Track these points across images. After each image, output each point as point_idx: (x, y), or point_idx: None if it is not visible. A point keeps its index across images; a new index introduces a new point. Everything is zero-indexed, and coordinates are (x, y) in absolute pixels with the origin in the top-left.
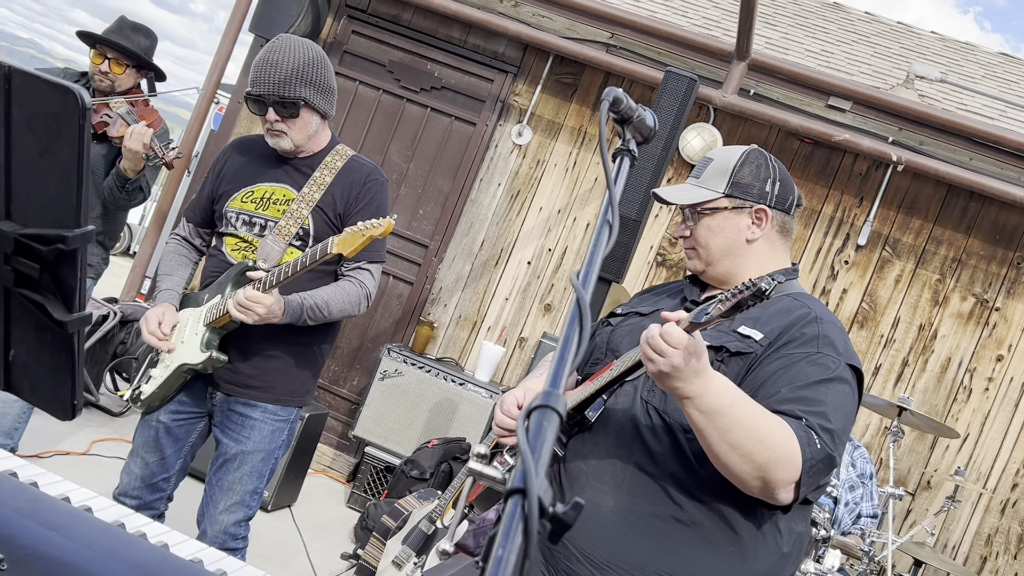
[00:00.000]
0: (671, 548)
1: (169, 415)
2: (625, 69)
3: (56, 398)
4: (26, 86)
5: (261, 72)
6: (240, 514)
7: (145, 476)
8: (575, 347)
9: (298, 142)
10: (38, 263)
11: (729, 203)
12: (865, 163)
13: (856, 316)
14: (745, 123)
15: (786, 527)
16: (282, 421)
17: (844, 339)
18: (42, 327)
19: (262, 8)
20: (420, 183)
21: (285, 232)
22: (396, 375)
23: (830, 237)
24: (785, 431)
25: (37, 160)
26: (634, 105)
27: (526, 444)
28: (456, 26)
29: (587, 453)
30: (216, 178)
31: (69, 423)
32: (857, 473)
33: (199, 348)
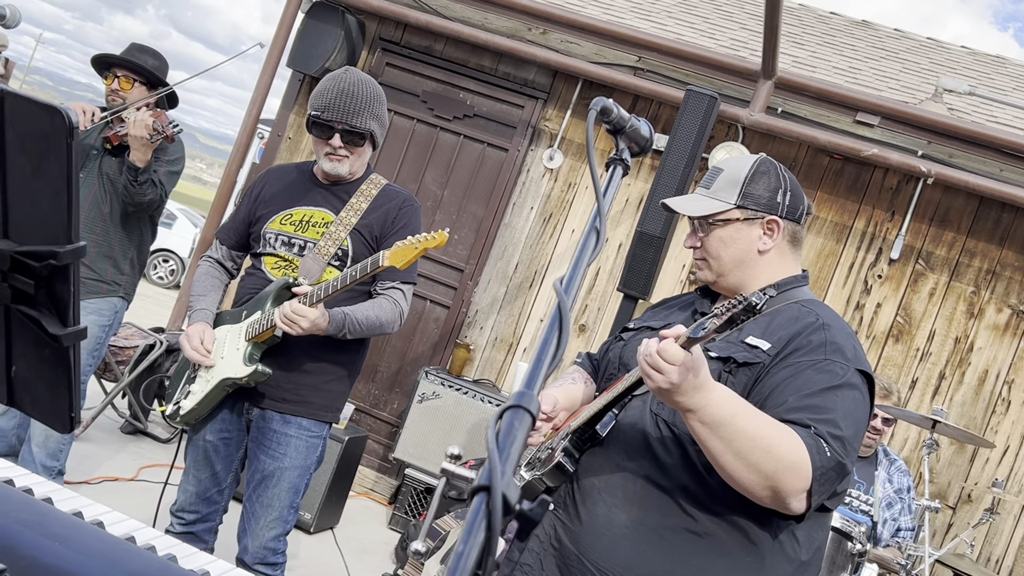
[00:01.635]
0: (686, 560)
1: (214, 434)
2: (653, 91)
3: (55, 411)
4: (17, 107)
5: (333, 100)
6: (279, 529)
7: (200, 492)
8: (553, 350)
9: (354, 169)
10: (33, 279)
11: (741, 214)
12: (895, 177)
13: (891, 330)
14: (774, 140)
15: (804, 535)
16: (316, 437)
17: (853, 344)
18: (40, 342)
19: (299, 44)
20: (454, 209)
21: (325, 252)
22: (434, 397)
23: (863, 252)
24: (793, 440)
25: (30, 179)
26: (626, 115)
27: (494, 443)
28: (487, 55)
29: (599, 468)
30: (253, 201)
31: (119, 450)
32: (894, 489)
33: (243, 362)
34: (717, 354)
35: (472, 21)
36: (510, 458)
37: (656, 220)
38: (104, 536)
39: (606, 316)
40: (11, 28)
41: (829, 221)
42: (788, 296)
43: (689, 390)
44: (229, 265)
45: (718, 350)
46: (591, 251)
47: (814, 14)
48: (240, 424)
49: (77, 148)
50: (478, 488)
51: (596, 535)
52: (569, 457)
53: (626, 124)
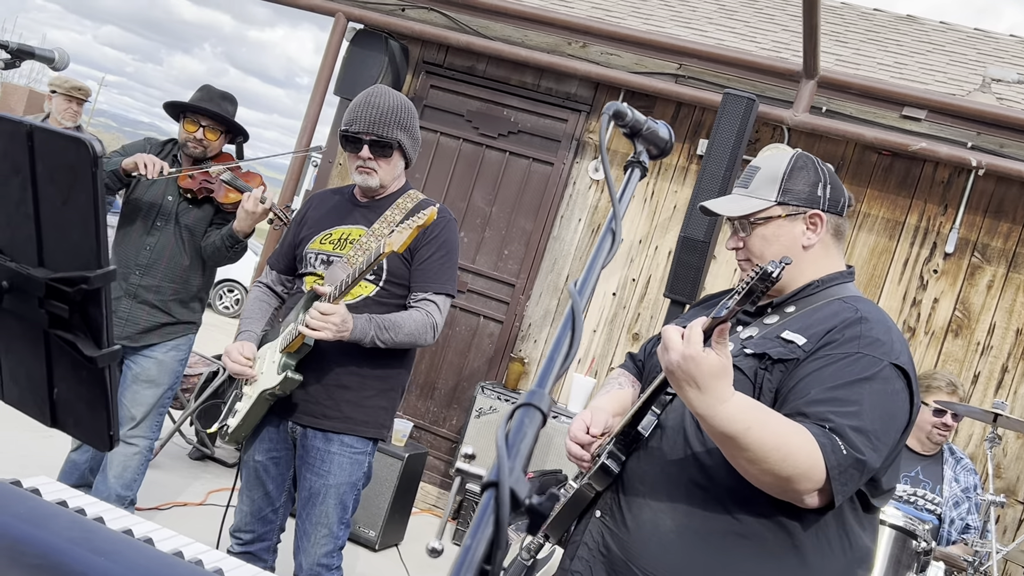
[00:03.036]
0: (733, 563)
1: (263, 454)
2: (695, 97)
3: (95, 431)
4: (46, 141)
5: (361, 112)
6: (330, 545)
7: (254, 511)
8: (565, 350)
9: (385, 182)
10: (67, 304)
11: (782, 211)
12: (946, 171)
13: (950, 325)
14: (820, 140)
15: (851, 535)
16: (359, 453)
17: (892, 338)
18: (78, 365)
19: (345, 71)
20: (503, 225)
21: (354, 261)
22: (491, 412)
23: (916, 247)
24: (809, 446)
25: (60, 209)
26: (642, 118)
27: (503, 441)
28: (528, 72)
29: (644, 473)
30: (298, 225)
31: (188, 476)
32: (961, 488)
33: (276, 371)
34: (752, 351)
35: (512, 39)
36: (520, 454)
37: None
38: (151, 551)
39: (658, 324)
40: (60, 70)
41: (881, 218)
42: (831, 292)
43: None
44: (279, 289)
45: (753, 347)
46: (606, 253)
47: (857, 12)
48: (287, 443)
49: (102, 177)
50: (487, 484)
51: (643, 541)
52: (614, 459)
53: (643, 127)
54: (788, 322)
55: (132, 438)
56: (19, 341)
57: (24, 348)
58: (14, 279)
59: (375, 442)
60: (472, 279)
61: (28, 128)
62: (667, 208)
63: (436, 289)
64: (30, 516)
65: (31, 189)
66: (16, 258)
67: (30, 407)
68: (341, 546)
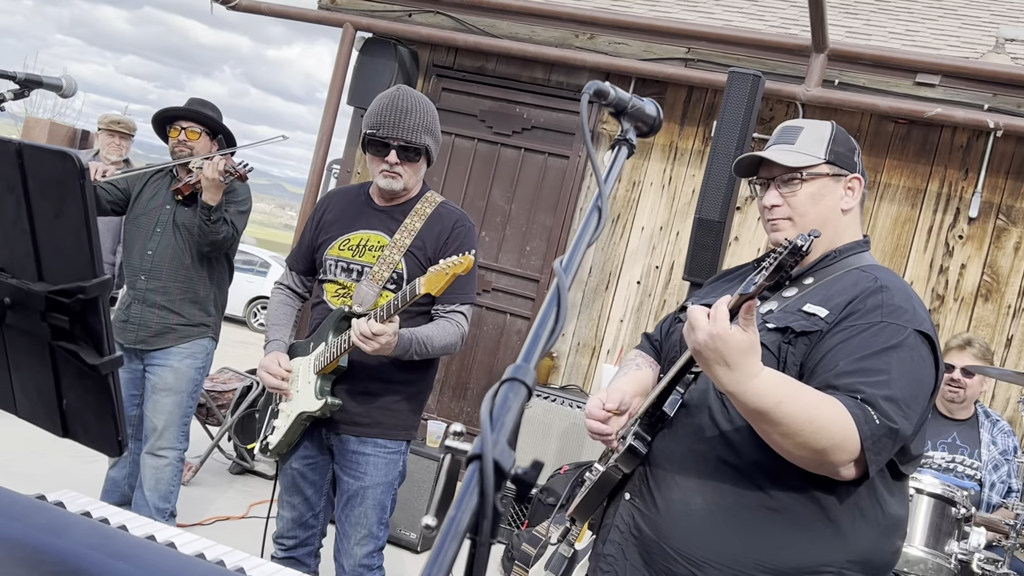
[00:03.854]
0: (766, 537)
1: (300, 461)
2: (706, 80)
3: (104, 437)
4: (34, 157)
5: (387, 116)
6: (371, 545)
7: (295, 518)
8: (550, 327)
9: (409, 185)
10: (67, 315)
11: (830, 169)
12: (964, 135)
13: (979, 290)
14: (834, 113)
15: (883, 504)
16: (393, 453)
17: (913, 305)
18: (83, 374)
19: (356, 81)
20: (523, 221)
21: (379, 277)
22: None
23: (939, 214)
24: (840, 416)
25: (54, 223)
26: (626, 96)
27: (487, 415)
28: (538, 67)
29: (671, 452)
30: (315, 228)
31: (229, 491)
32: (999, 451)
33: (315, 395)
34: (775, 325)
35: (519, 36)
36: (504, 427)
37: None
38: (171, 554)
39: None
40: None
41: (902, 187)
42: (849, 262)
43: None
44: (300, 290)
45: (776, 321)
46: (592, 231)
47: None
48: (323, 449)
49: (90, 188)
50: (471, 457)
51: (674, 520)
52: (640, 440)
53: (627, 104)
54: (808, 294)
55: (159, 450)
56: (26, 356)
57: (32, 362)
58: (16, 295)
59: (407, 442)
60: (496, 277)
61: (17, 146)
62: (685, 193)
63: (463, 300)
64: (50, 526)
65: (25, 206)
66: (17, 274)
67: (42, 419)
68: (381, 546)
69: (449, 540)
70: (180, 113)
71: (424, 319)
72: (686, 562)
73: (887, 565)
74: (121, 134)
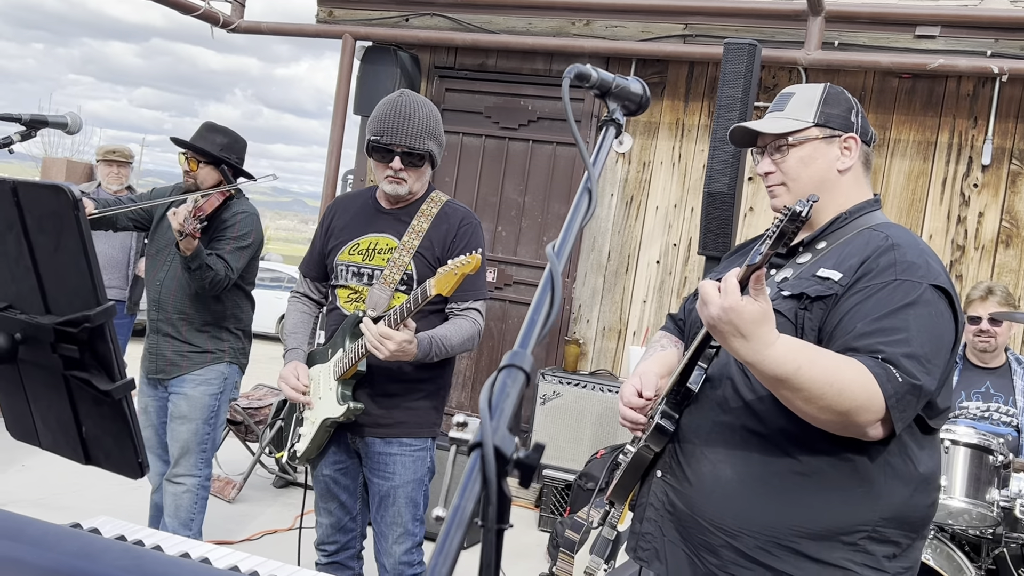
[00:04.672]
0: (798, 502)
1: (331, 467)
2: (705, 55)
3: (125, 460)
4: (30, 194)
5: (390, 123)
6: (408, 542)
7: (333, 523)
8: (545, 312)
9: (414, 189)
10: (76, 344)
11: (820, 132)
12: (970, 83)
13: (999, 237)
14: (837, 74)
15: (914, 459)
16: (419, 450)
17: (927, 260)
18: (98, 401)
19: (361, 90)
20: (538, 212)
21: (390, 280)
22: (555, 397)
23: (952, 164)
24: (862, 376)
25: (54, 256)
26: (609, 77)
27: (486, 403)
28: (538, 58)
29: (698, 427)
30: (325, 234)
31: (274, 504)
32: None
33: (336, 402)
34: (790, 292)
35: (517, 29)
36: (503, 414)
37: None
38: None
39: None
40: (75, 133)
41: (912, 141)
42: (860, 223)
43: (733, 335)
44: (316, 297)
45: (791, 288)
46: (583, 214)
47: None
48: (351, 453)
49: (84, 218)
50: (473, 445)
51: (706, 494)
52: (667, 418)
53: (611, 85)
54: (821, 259)
55: (177, 477)
56: (43, 388)
57: (48, 394)
58: (26, 330)
59: (432, 439)
60: (516, 270)
61: (12, 185)
62: (696, 169)
63: (475, 296)
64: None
65: (25, 242)
66: (25, 310)
67: (64, 449)
68: (419, 542)
69: (454, 529)
70: (181, 144)
71: (439, 318)
72: (722, 533)
73: (923, 520)
74: (119, 163)
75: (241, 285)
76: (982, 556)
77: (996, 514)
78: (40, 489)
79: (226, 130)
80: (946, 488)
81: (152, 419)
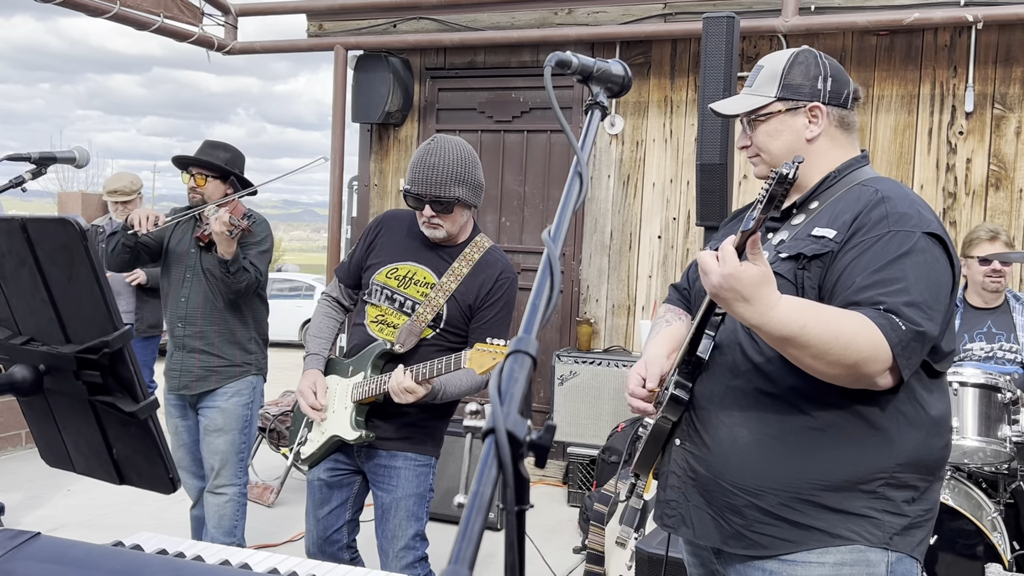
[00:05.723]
0: (815, 457)
1: (326, 472)
2: (687, 31)
3: (157, 477)
4: (39, 229)
5: (419, 173)
6: (409, 557)
7: (319, 532)
8: (546, 296)
9: (451, 232)
10: (98, 370)
11: (782, 105)
12: (946, 33)
13: (988, 180)
14: (817, 38)
15: (924, 404)
16: (423, 466)
17: (918, 209)
18: (125, 422)
19: (356, 98)
20: (539, 200)
21: (422, 319)
22: (572, 376)
23: (936, 114)
24: (867, 328)
25: (68, 287)
26: (590, 61)
27: (495, 390)
28: (525, 51)
29: (711, 393)
30: (367, 248)
31: None
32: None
33: (350, 426)
34: (788, 253)
35: (501, 24)
36: (513, 399)
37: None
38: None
39: None
40: (83, 166)
41: (896, 96)
42: (850, 179)
43: (736, 301)
44: (347, 303)
45: (788, 249)
46: (575, 197)
47: None
48: (351, 461)
49: (94, 248)
50: (486, 432)
51: (726, 457)
52: (681, 388)
53: (592, 69)
54: (815, 218)
55: (218, 488)
56: (71, 414)
57: (77, 419)
58: (49, 360)
59: (435, 457)
60: (524, 258)
61: (21, 222)
62: (688, 143)
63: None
64: (125, 568)
65: (39, 276)
66: (46, 341)
67: (98, 471)
68: (422, 556)
69: (475, 514)
70: (187, 160)
71: (460, 347)
72: (744, 494)
73: (939, 462)
74: (123, 202)
75: (260, 292)
76: (999, 491)
77: (1010, 449)
78: (87, 512)
79: (226, 145)
80: (958, 429)
81: (184, 438)
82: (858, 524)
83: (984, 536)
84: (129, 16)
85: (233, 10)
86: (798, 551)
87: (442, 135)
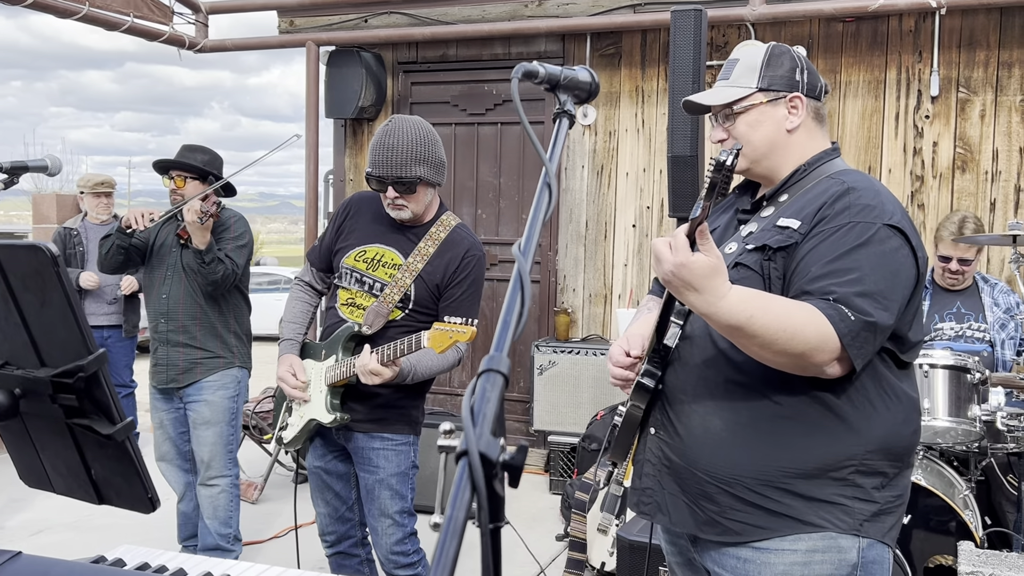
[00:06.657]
0: (785, 444)
1: (321, 460)
2: (657, 21)
3: (136, 497)
4: (9, 256)
5: (380, 155)
6: (398, 533)
7: (330, 513)
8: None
9: (417, 212)
10: (73, 393)
11: (764, 96)
12: (911, 19)
13: (955, 163)
14: (784, 26)
15: (891, 390)
16: (402, 445)
17: (881, 201)
18: (102, 444)
19: (329, 93)
20: (514, 192)
21: (389, 300)
22: (551, 366)
23: (903, 99)
24: (815, 319)
25: (41, 311)
26: (557, 70)
27: (467, 411)
28: (496, 43)
29: (683, 383)
30: (336, 231)
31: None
32: (1003, 310)
33: (326, 409)
34: (754, 245)
35: (472, 18)
36: (486, 419)
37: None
38: None
39: None
40: (56, 174)
41: (863, 81)
42: (819, 172)
43: (686, 290)
44: (319, 286)
45: (755, 241)
46: (544, 209)
47: None
48: (338, 445)
49: (65, 273)
50: (459, 454)
51: (699, 445)
52: (649, 376)
53: (559, 77)
54: (782, 210)
55: (210, 480)
56: (48, 437)
57: (54, 442)
58: (24, 384)
59: (415, 435)
60: (500, 250)
61: None
62: (660, 132)
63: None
64: None
65: (12, 301)
66: (21, 365)
67: (77, 492)
68: (410, 532)
69: (450, 538)
70: (167, 164)
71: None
72: (717, 481)
73: (908, 449)
74: (106, 194)
75: (241, 288)
76: (971, 470)
77: (979, 428)
78: (72, 513)
79: (204, 148)
80: (929, 410)
81: (169, 432)
82: (829, 511)
83: (956, 514)
84: (99, 17)
85: (203, 8)
86: (771, 538)
87: (400, 116)
